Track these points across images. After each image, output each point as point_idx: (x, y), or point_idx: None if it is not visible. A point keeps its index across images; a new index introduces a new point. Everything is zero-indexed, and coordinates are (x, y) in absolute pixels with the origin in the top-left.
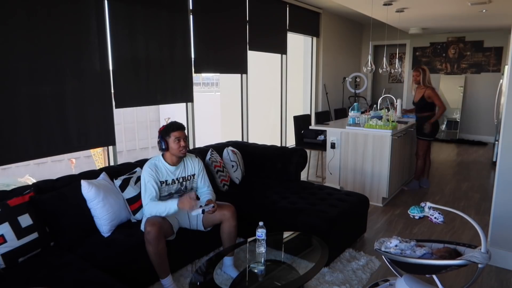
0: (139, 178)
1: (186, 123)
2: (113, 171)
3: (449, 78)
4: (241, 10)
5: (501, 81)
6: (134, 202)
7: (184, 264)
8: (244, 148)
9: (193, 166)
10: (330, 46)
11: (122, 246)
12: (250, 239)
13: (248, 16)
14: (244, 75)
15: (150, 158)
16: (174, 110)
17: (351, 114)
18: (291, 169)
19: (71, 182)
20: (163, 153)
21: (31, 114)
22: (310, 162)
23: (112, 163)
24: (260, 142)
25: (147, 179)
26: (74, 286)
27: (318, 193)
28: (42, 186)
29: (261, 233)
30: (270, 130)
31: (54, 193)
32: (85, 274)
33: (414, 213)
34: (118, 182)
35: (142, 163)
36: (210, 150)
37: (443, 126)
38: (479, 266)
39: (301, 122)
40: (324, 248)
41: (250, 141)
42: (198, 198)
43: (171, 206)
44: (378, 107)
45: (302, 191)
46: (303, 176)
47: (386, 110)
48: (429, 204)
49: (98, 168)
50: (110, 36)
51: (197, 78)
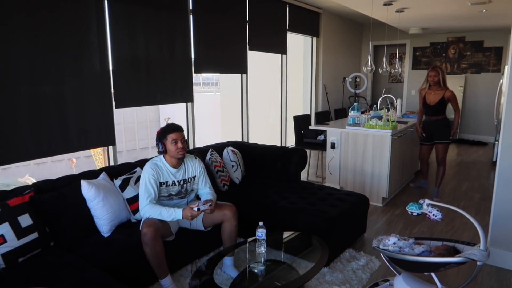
0: (139, 178)
1: (186, 123)
2: (113, 171)
3: (449, 78)
4: (241, 10)
5: (501, 81)
6: (134, 202)
7: (184, 264)
8: (244, 148)
9: (193, 168)
10: (330, 46)
11: (122, 246)
12: (250, 239)
13: (248, 16)
14: (244, 75)
15: (152, 158)
16: (174, 110)
17: (351, 114)
18: (291, 169)
19: (71, 182)
20: (163, 155)
21: (31, 114)
22: (310, 162)
23: (112, 163)
24: (260, 142)
25: (148, 179)
26: (74, 286)
27: (318, 193)
28: (42, 186)
29: (261, 233)
30: (270, 130)
31: (54, 193)
32: (85, 274)
33: (412, 209)
34: (118, 182)
35: (142, 163)
36: (210, 150)
37: None
38: (478, 263)
39: (301, 122)
40: (324, 248)
41: (250, 141)
42: (199, 198)
43: (175, 215)
44: (378, 107)
45: (302, 191)
46: (303, 176)
47: (386, 110)
48: (427, 201)
49: (98, 168)
50: (110, 36)
51: (197, 78)
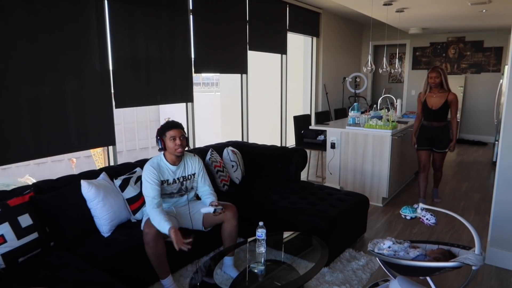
0: (139, 178)
1: (186, 123)
2: (113, 171)
3: (449, 78)
4: (241, 10)
5: (501, 81)
6: (134, 202)
7: (184, 264)
8: (244, 148)
9: (193, 166)
10: (330, 46)
11: (122, 246)
12: (250, 239)
13: (248, 16)
14: (244, 75)
15: (151, 158)
16: (174, 110)
17: (351, 114)
18: (291, 169)
19: (71, 182)
20: (164, 152)
21: (31, 114)
22: (310, 162)
23: (112, 163)
24: (260, 142)
25: (149, 179)
26: (74, 286)
27: (318, 193)
28: (42, 186)
29: (261, 233)
30: (270, 130)
31: (54, 193)
32: (85, 274)
33: (406, 213)
34: (118, 182)
35: (142, 163)
36: (210, 150)
37: None
38: (473, 268)
39: (301, 122)
40: (324, 248)
41: (250, 141)
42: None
43: (164, 227)
44: (378, 107)
45: (302, 191)
46: (303, 176)
47: (386, 110)
48: (421, 205)
49: (98, 168)
50: (110, 36)
51: (197, 78)
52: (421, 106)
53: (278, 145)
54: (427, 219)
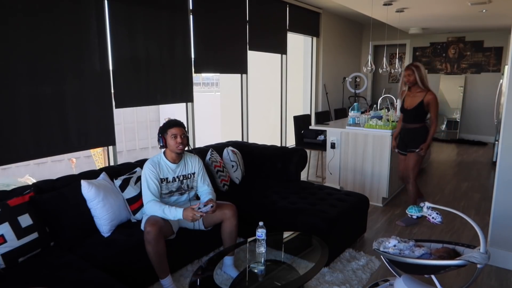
0: (139, 178)
1: (186, 123)
2: (113, 171)
3: (449, 78)
4: (241, 10)
5: (501, 81)
6: (134, 202)
7: (184, 264)
8: (244, 148)
9: (193, 165)
10: (330, 46)
11: (122, 246)
12: (250, 239)
13: (248, 16)
14: (244, 75)
15: (151, 157)
16: (174, 110)
17: (351, 114)
18: (291, 169)
19: (71, 182)
20: (164, 150)
21: (31, 114)
22: (310, 162)
23: (112, 163)
24: (260, 142)
25: (148, 176)
26: (74, 286)
27: (318, 193)
28: (42, 186)
29: (261, 233)
30: (270, 130)
31: (54, 193)
32: (85, 274)
33: (412, 212)
34: (118, 182)
35: (142, 163)
36: (210, 150)
37: (443, 126)
38: (478, 266)
39: (301, 122)
40: (324, 248)
41: (250, 141)
42: (198, 198)
43: (176, 214)
44: (378, 107)
45: (302, 191)
46: (303, 176)
47: (386, 110)
48: (428, 204)
49: (98, 168)
50: (110, 36)
51: (197, 78)
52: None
53: (278, 145)
54: (433, 218)
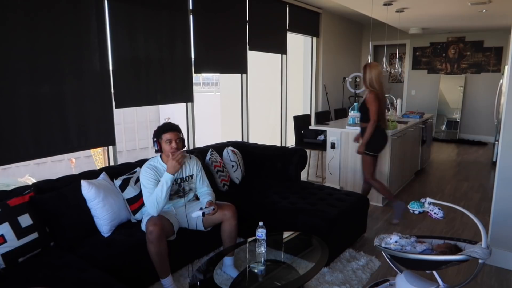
0: (139, 178)
1: (186, 123)
2: (113, 171)
3: (449, 78)
4: (241, 10)
5: (501, 81)
6: (134, 202)
7: (184, 264)
8: (244, 148)
9: (191, 167)
10: (330, 46)
11: (122, 246)
12: (250, 239)
13: (248, 16)
14: (244, 75)
15: (149, 159)
16: (174, 110)
17: (351, 114)
18: (291, 169)
19: (71, 182)
20: (160, 154)
21: (31, 114)
22: (310, 162)
23: (112, 163)
24: (260, 142)
25: (146, 181)
26: (74, 286)
27: (318, 193)
28: (42, 186)
29: (261, 233)
30: (270, 130)
31: (54, 193)
32: (85, 274)
33: (414, 207)
34: (118, 182)
35: (142, 163)
36: (210, 150)
37: (443, 126)
38: (480, 261)
39: (301, 122)
40: (324, 248)
41: (250, 141)
42: (198, 198)
43: (166, 180)
44: None
45: (302, 191)
46: (303, 176)
47: (386, 110)
48: (429, 199)
49: (98, 168)
50: (110, 36)
51: (197, 78)
52: None
53: (278, 145)
54: (435, 213)
